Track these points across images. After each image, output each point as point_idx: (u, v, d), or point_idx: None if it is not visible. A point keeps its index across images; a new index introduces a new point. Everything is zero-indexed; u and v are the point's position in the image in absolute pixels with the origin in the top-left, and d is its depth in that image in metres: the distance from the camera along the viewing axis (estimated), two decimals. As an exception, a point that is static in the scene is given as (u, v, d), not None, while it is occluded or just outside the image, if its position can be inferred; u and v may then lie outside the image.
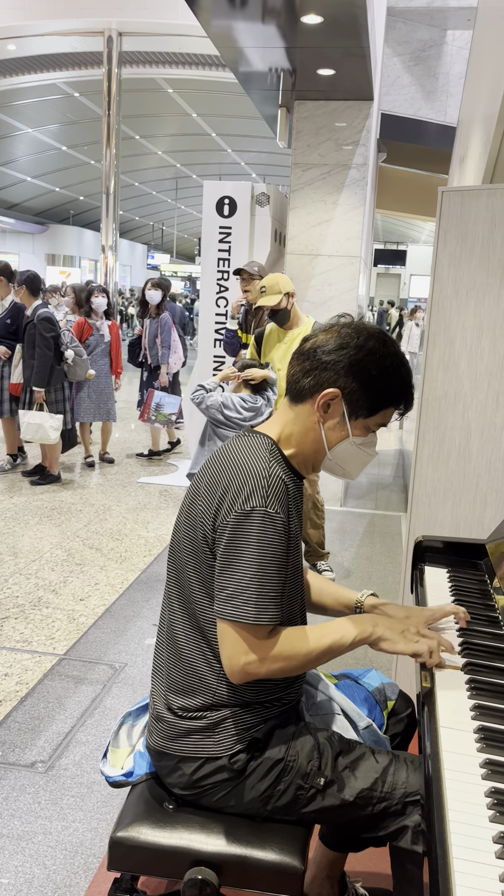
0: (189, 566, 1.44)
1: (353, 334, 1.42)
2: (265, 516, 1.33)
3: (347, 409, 1.42)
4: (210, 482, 1.42)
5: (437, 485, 2.54)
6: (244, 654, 1.33)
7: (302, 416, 1.45)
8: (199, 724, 1.43)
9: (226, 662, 1.35)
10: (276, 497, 1.35)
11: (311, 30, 4.49)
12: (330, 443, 1.45)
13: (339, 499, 5.86)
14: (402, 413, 1.48)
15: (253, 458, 1.39)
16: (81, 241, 34.73)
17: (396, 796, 1.39)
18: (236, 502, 1.35)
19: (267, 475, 1.36)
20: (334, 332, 1.45)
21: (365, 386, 1.41)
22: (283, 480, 1.38)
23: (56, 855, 2.06)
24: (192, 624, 1.44)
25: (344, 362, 1.40)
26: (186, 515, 1.46)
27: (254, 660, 1.34)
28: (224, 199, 5.91)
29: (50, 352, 5.59)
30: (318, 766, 1.42)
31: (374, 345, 1.42)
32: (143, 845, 1.40)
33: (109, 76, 13.60)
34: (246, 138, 22.24)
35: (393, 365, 1.42)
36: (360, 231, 5.81)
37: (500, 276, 2.37)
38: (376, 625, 1.41)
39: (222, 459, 1.43)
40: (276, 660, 1.35)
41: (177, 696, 1.46)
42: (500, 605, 1.68)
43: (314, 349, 1.44)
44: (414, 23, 7.51)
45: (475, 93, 4.31)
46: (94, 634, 3.39)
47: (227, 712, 1.43)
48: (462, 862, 0.94)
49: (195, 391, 3.98)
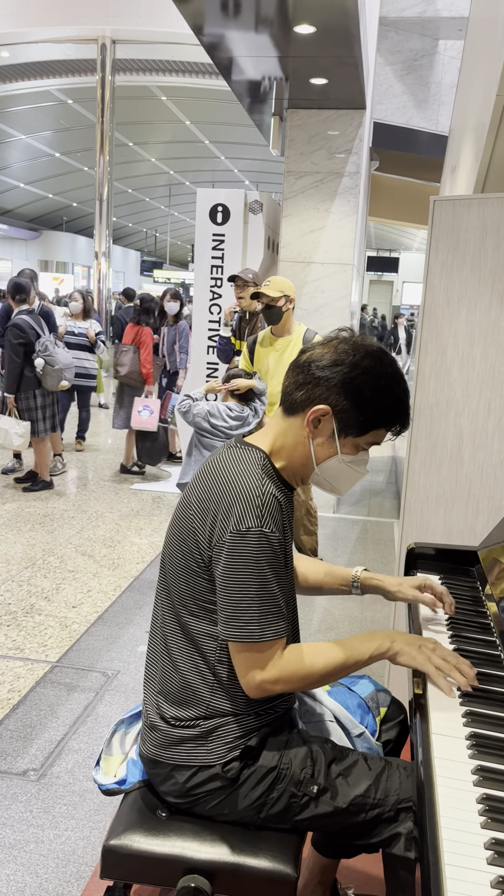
0: (181, 579, 1.43)
1: (349, 351, 1.40)
2: (261, 536, 1.33)
3: (337, 426, 1.40)
4: (201, 497, 1.41)
5: (429, 492, 2.55)
6: (259, 672, 1.35)
7: (293, 429, 1.44)
8: (193, 732, 1.43)
9: (243, 682, 1.37)
10: (270, 516, 1.35)
11: (304, 39, 4.52)
12: (318, 458, 1.44)
13: (333, 505, 5.87)
14: (396, 433, 1.46)
15: (246, 474, 1.38)
16: (74, 248, 34.73)
17: (389, 803, 1.39)
18: (229, 521, 1.34)
19: (261, 493, 1.35)
20: (331, 346, 1.43)
21: (357, 405, 1.39)
22: (276, 498, 1.38)
23: (48, 863, 2.05)
24: (185, 636, 1.44)
25: (336, 379, 1.38)
26: (178, 529, 1.45)
27: (269, 677, 1.35)
28: (217, 206, 5.92)
29: (18, 358, 5.57)
30: (311, 774, 1.42)
31: (369, 363, 1.39)
32: (135, 853, 1.40)
33: (103, 83, 13.64)
34: (239, 146, 22.32)
35: (388, 385, 1.40)
36: (352, 239, 5.84)
37: (492, 285, 2.39)
38: (394, 640, 1.40)
39: (214, 473, 1.42)
40: (291, 676, 1.36)
41: (170, 707, 1.45)
42: (492, 612, 1.69)
43: (308, 363, 1.42)
44: (406, 32, 7.56)
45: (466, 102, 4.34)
46: (86, 642, 3.38)
47: (221, 721, 1.43)
48: (454, 868, 0.95)
49: (182, 400, 3.98)
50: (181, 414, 3.99)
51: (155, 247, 42.65)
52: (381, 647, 1.40)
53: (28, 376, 5.65)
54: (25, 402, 5.71)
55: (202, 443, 4.01)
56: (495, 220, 2.36)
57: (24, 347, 5.57)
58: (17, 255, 32.50)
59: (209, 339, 6.05)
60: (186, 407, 3.95)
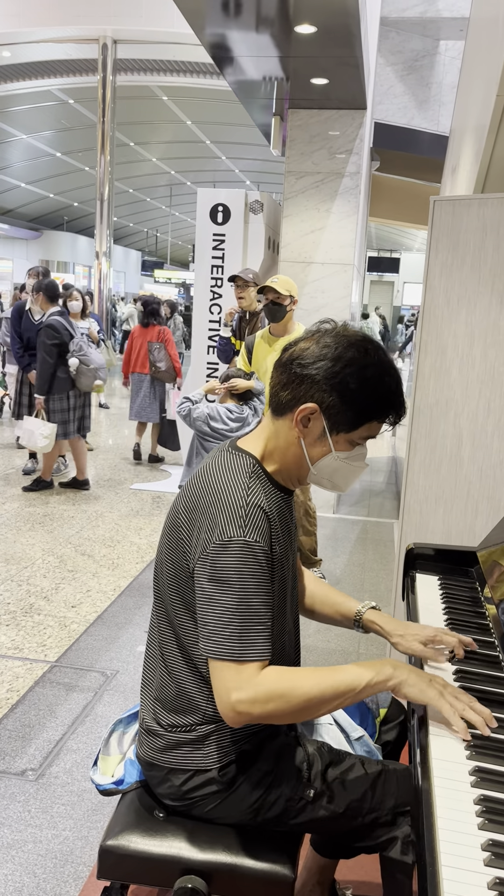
0: (172, 589, 1.40)
1: (331, 344, 1.34)
2: (244, 546, 1.27)
3: (327, 424, 1.34)
4: (188, 506, 1.37)
5: (428, 492, 2.55)
6: (234, 692, 1.23)
7: (283, 431, 1.38)
8: (189, 736, 1.42)
9: (218, 703, 1.26)
10: (255, 527, 1.28)
11: (305, 39, 4.52)
12: (312, 458, 1.38)
13: (332, 505, 5.86)
14: (391, 424, 1.39)
15: (232, 483, 1.33)
16: (75, 248, 34.74)
17: (386, 807, 1.38)
18: (213, 532, 1.28)
19: (245, 504, 1.29)
20: (313, 340, 1.37)
21: (344, 400, 1.32)
22: (262, 508, 1.31)
23: (46, 863, 2.05)
24: (179, 645, 1.41)
25: (320, 375, 1.32)
26: (168, 538, 1.41)
27: (245, 698, 1.23)
28: (218, 206, 5.92)
29: (52, 359, 5.56)
30: (307, 778, 1.41)
31: (353, 355, 1.32)
32: (133, 854, 1.39)
33: (104, 83, 13.64)
34: (240, 146, 22.32)
35: (375, 375, 1.33)
36: (353, 239, 5.84)
37: (492, 285, 2.39)
38: (397, 668, 1.28)
39: (203, 481, 1.37)
40: (269, 699, 1.23)
41: (167, 714, 1.44)
42: (491, 614, 1.68)
43: (291, 361, 1.36)
44: (407, 33, 7.56)
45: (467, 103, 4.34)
46: (85, 641, 3.38)
47: (217, 726, 1.41)
48: (451, 869, 0.95)
49: (181, 403, 3.97)
50: (181, 417, 3.98)
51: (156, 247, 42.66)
52: (381, 675, 1.27)
53: (61, 377, 5.66)
54: (59, 402, 5.72)
55: (204, 447, 4.01)
56: (495, 221, 2.36)
57: (58, 348, 5.57)
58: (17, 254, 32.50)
59: (209, 340, 6.05)
60: (186, 410, 3.94)
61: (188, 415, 3.93)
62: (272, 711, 1.24)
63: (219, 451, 1.45)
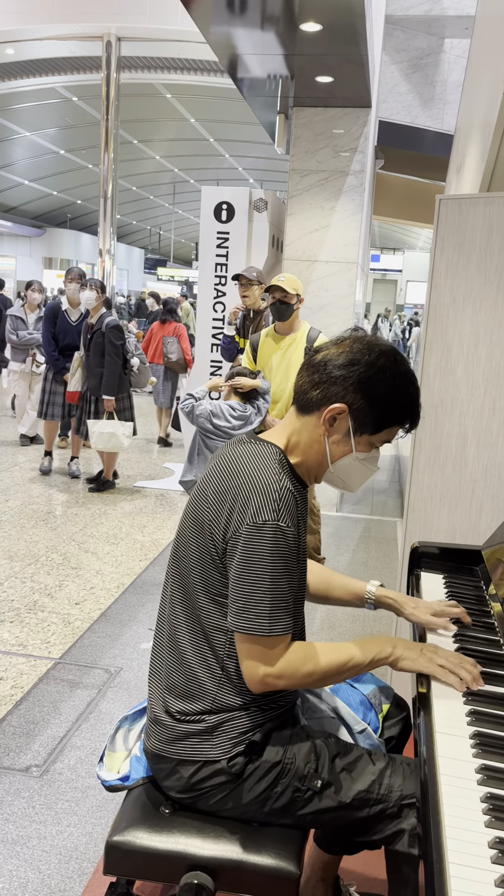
0: (195, 571, 1.44)
1: (364, 350, 1.42)
2: (277, 530, 1.34)
3: (353, 424, 1.43)
4: (217, 489, 1.42)
5: (433, 491, 2.55)
6: (263, 666, 1.36)
7: (308, 428, 1.46)
8: (198, 727, 1.43)
9: (245, 674, 1.38)
10: (286, 510, 1.36)
11: (310, 37, 4.51)
12: (333, 456, 1.46)
13: (336, 504, 5.87)
14: (407, 430, 1.48)
15: (263, 468, 1.40)
16: (79, 245, 34.73)
17: (393, 799, 1.39)
18: (246, 514, 1.35)
19: (278, 487, 1.37)
20: (346, 346, 1.45)
21: (372, 403, 1.41)
22: (293, 493, 1.39)
23: (51, 859, 2.05)
24: (196, 629, 1.44)
25: (353, 378, 1.40)
26: (192, 521, 1.46)
27: (272, 671, 1.36)
28: (222, 204, 5.92)
29: (120, 359, 5.63)
30: (315, 769, 1.42)
31: (384, 363, 1.42)
32: (138, 849, 1.40)
33: (108, 81, 13.62)
34: (244, 144, 22.29)
35: (402, 384, 1.42)
36: (357, 237, 5.84)
37: (497, 284, 2.38)
38: (395, 645, 1.42)
39: (229, 465, 1.43)
40: (294, 672, 1.37)
41: (175, 700, 1.46)
42: (496, 612, 1.68)
43: (324, 362, 1.44)
44: (412, 31, 7.55)
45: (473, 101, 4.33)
46: (89, 638, 3.39)
47: (226, 716, 1.43)
48: (458, 867, 0.95)
49: (184, 400, 3.97)
50: (185, 414, 3.98)
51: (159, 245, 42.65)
52: (382, 653, 1.42)
53: (124, 377, 5.73)
54: (129, 401, 5.82)
55: (206, 444, 4.00)
56: (501, 219, 2.36)
57: (124, 348, 5.66)
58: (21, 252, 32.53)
59: (213, 338, 6.05)
60: (189, 407, 3.93)
61: (191, 411, 3.92)
62: (295, 683, 1.39)
63: (238, 441, 1.51)
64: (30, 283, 7.45)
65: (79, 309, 6.06)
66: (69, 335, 6.02)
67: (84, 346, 5.84)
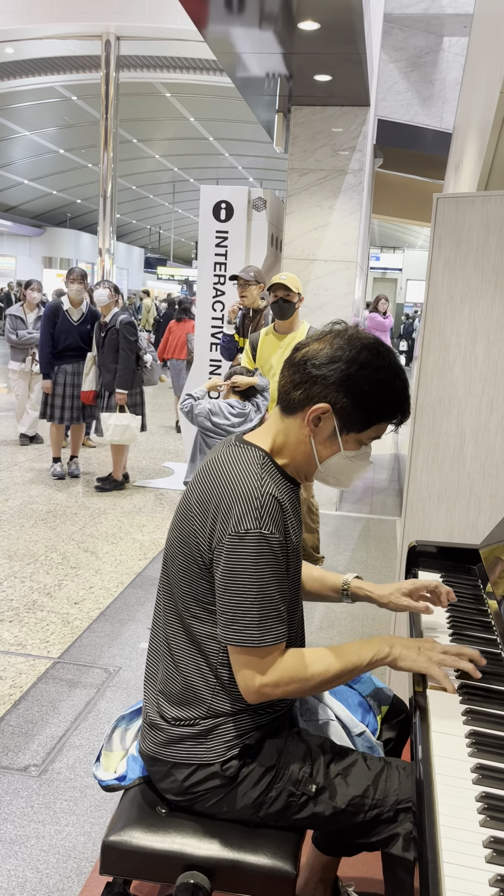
0: (183, 580, 1.42)
1: (345, 346, 1.37)
2: (260, 538, 1.31)
3: (339, 424, 1.38)
4: (201, 498, 1.39)
5: (431, 489, 2.55)
6: (258, 677, 1.33)
7: (294, 429, 1.42)
8: (192, 730, 1.43)
9: (241, 686, 1.35)
10: (269, 517, 1.32)
11: (309, 36, 4.51)
12: (321, 457, 1.42)
13: (335, 503, 5.87)
14: (397, 425, 1.44)
15: (244, 474, 1.36)
16: (78, 244, 34.72)
17: (388, 804, 1.39)
18: (229, 523, 1.32)
19: (260, 495, 1.33)
20: (326, 341, 1.40)
21: (357, 401, 1.36)
22: (276, 498, 1.35)
23: (49, 859, 2.05)
24: (187, 638, 1.43)
25: (334, 377, 1.35)
26: (179, 530, 1.44)
27: (268, 681, 1.33)
28: (221, 203, 5.91)
29: (133, 355, 5.69)
30: (309, 773, 1.42)
31: (366, 357, 1.36)
32: (135, 849, 1.40)
33: (107, 80, 13.61)
34: (243, 142, 22.27)
35: (387, 378, 1.37)
36: (356, 236, 5.83)
37: (495, 282, 2.38)
38: (393, 645, 1.39)
39: (213, 473, 1.40)
40: (290, 680, 1.34)
41: (171, 707, 1.45)
42: (493, 610, 1.68)
43: (304, 361, 1.39)
44: (410, 29, 7.54)
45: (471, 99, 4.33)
46: (88, 638, 3.39)
47: (220, 720, 1.42)
48: (452, 866, 0.95)
49: (184, 400, 3.98)
50: (184, 413, 3.99)
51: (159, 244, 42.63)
52: (380, 653, 1.39)
53: (137, 372, 5.78)
54: (140, 396, 5.87)
55: (207, 443, 4.01)
56: (498, 218, 2.36)
57: (137, 344, 5.71)
58: (21, 251, 32.53)
59: (213, 337, 6.05)
60: (189, 406, 3.94)
61: (190, 411, 3.93)
62: (292, 691, 1.36)
63: (225, 444, 1.47)
64: (28, 283, 7.45)
65: (80, 309, 6.06)
66: (70, 335, 6.02)
67: (97, 344, 5.87)
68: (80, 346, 6.04)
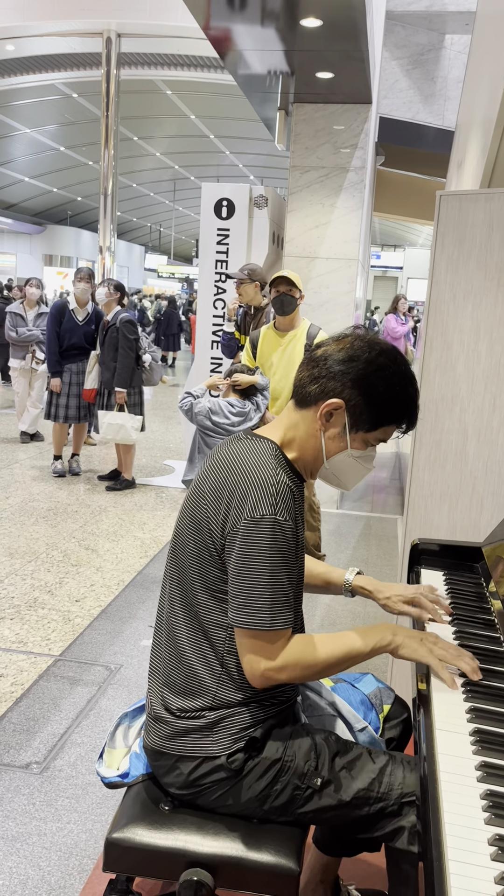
0: (193, 569, 1.44)
1: (364, 348, 1.43)
2: (275, 524, 1.35)
3: (349, 421, 1.43)
4: (214, 486, 1.42)
5: (433, 488, 2.55)
6: (264, 661, 1.36)
7: (305, 422, 1.46)
8: (198, 723, 1.43)
9: (246, 669, 1.38)
10: (284, 504, 1.37)
11: (310, 33, 4.50)
12: (328, 452, 1.46)
13: (336, 501, 5.86)
14: (403, 431, 1.48)
15: (259, 464, 1.40)
16: (79, 242, 34.71)
17: (393, 797, 1.39)
18: (244, 509, 1.36)
19: (275, 482, 1.37)
20: (347, 342, 1.45)
21: (369, 401, 1.41)
22: (290, 487, 1.40)
23: (51, 856, 2.06)
24: (195, 626, 1.44)
25: (352, 374, 1.41)
26: (190, 518, 1.46)
27: (273, 665, 1.36)
28: (222, 201, 5.91)
29: (133, 353, 5.68)
30: (315, 767, 1.42)
31: (384, 361, 1.42)
32: (138, 846, 1.40)
33: (108, 77, 13.59)
34: (244, 140, 22.27)
35: (401, 384, 1.43)
36: (357, 234, 5.83)
37: (498, 280, 2.38)
38: (395, 633, 1.41)
39: (226, 462, 1.43)
40: (296, 665, 1.37)
41: (175, 698, 1.46)
42: (496, 609, 1.68)
43: (324, 357, 1.45)
44: (413, 27, 7.53)
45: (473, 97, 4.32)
46: (89, 636, 3.39)
47: (226, 712, 1.43)
48: (457, 864, 0.95)
49: (183, 398, 3.96)
50: (184, 412, 3.97)
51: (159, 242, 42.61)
52: (383, 641, 1.41)
53: (136, 372, 5.77)
54: (139, 396, 5.84)
55: (206, 442, 4.00)
56: (501, 215, 2.35)
57: (137, 343, 5.70)
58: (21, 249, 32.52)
59: (213, 335, 6.04)
60: (188, 405, 3.92)
61: (190, 409, 3.91)
62: (297, 675, 1.39)
63: (234, 438, 1.51)
64: (28, 280, 7.46)
65: (86, 309, 6.06)
66: (75, 335, 6.02)
67: (99, 343, 5.88)
68: (84, 346, 6.05)
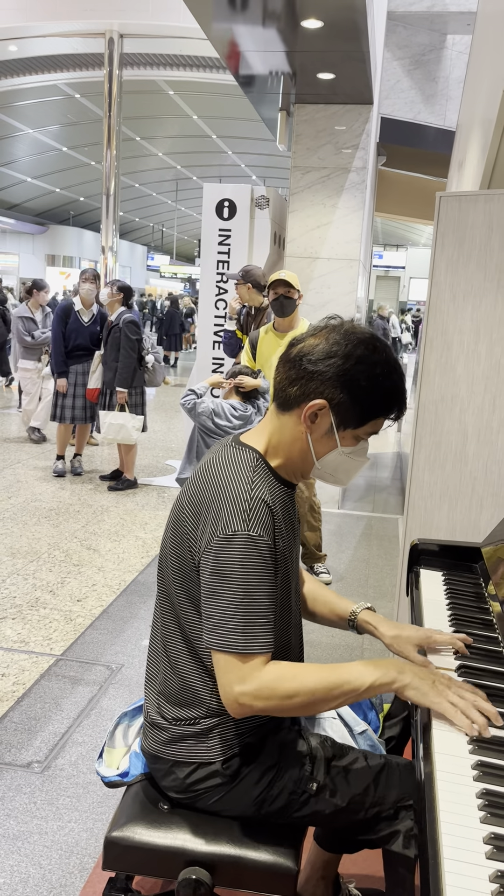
0: (177, 581, 1.41)
1: (341, 341, 1.35)
2: (248, 539, 1.28)
3: (335, 420, 1.36)
4: (193, 500, 1.38)
5: (433, 488, 2.55)
6: (237, 684, 1.27)
7: (289, 426, 1.40)
8: (193, 729, 1.43)
9: (221, 694, 1.30)
10: (259, 521, 1.30)
11: (312, 34, 4.50)
12: (318, 453, 1.40)
13: (337, 501, 5.87)
14: (394, 420, 1.41)
15: (236, 477, 1.34)
16: (81, 242, 34.73)
17: (388, 801, 1.39)
18: (217, 526, 1.30)
19: (249, 498, 1.31)
20: (322, 336, 1.38)
21: (353, 397, 1.34)
22: (266, 502, 1.33)
23: (51, 855, 2.06)
24: (184, 639, 1.42)
25: (331, 372, 1.33)
26: (173, 531, 1.42)
27: (248, 691, 1.27)
28: (224, 201, 5.92)
29: (135, 354, 5.69)
30: (310, 772, 1.41)
31: (362, 352, 1.34)
32: (137, 845, 1.41)
33: (110, 78, 13.60)
34: (246, 140, 22.27)
35: (383, 373, 1.35)
36: (359, 234, 5.83)
37: (497, 281, 2.38)
38: (402, 671, 1.29)
39: (207, 476, 1.39)
40: (273, 693, 1.27)
41: (171, 708, 1.45)
42: (495, 610, 1.69)
43: (300, 357, 1.37)
44: (414, 27, 7.53)
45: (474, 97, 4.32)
46: (91, 635, 3.39)
47: (221, 719, 1.42)
48: (453, 862, 0.95)
49: (185, 396, 3.95)
50: (186, 410, 3.97)
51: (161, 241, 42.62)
52: (385, 678, 1.28)
53: (138, 372, 5.78)
54: (141, 396, 5.86)
55: (205, 441, 4.00)
56: (501, 216, 2.36)
57: (139, 344, 5.72)
58: (24, 249, 32.54)
59: (215, 335, 6.05)
60: (191, 404, 3.91)
61: (193, 408, 3.91)
62: (274, 706, 1.28)
63: (221, 446, 1.46)
64: (36, 283, 7.49)
65: (91, 310, 6.08)
66: (80, 336, 6.04)
67: (103, 343, 5.90)
68: (89, 347, 6.06)
